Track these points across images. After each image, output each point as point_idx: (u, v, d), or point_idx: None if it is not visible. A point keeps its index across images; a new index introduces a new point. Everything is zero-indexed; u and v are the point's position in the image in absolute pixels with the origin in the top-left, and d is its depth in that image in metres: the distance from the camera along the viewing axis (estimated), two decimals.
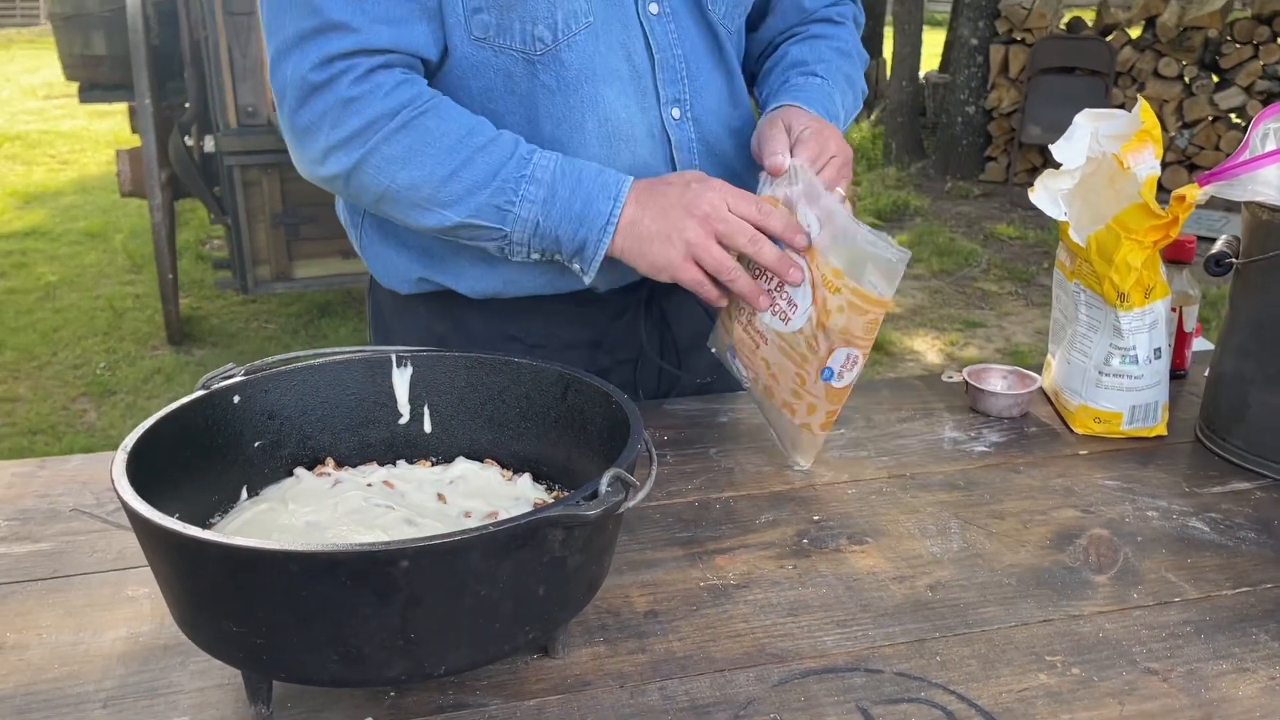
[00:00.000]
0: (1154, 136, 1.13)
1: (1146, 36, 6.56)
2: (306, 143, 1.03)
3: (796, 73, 1.23)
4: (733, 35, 1.19)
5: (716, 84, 1.17)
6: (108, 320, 4.56)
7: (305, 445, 0.90)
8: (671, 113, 1.13)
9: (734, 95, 1.20)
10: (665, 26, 1.12)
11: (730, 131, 1.19)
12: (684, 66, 1.13)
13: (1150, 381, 1.15)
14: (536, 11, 1.03)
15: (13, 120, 9.52)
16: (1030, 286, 5.21)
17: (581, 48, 1.06)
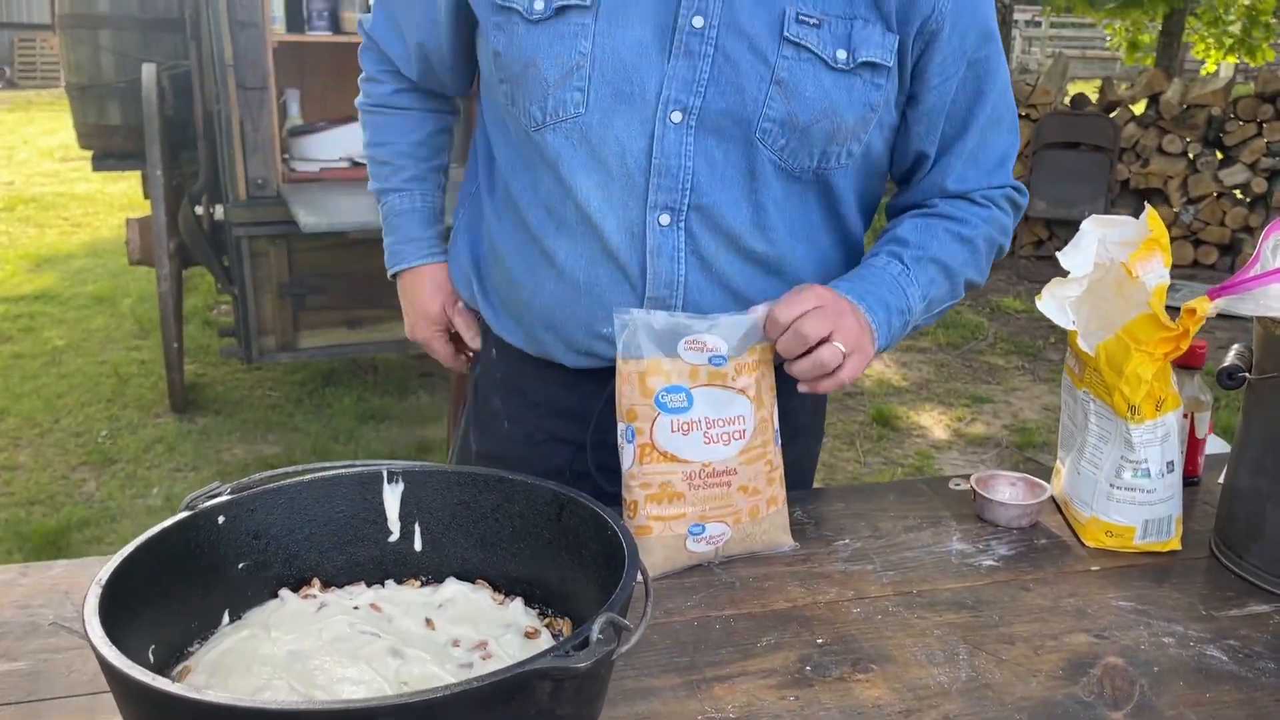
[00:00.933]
0: (1162, 245, 1.11)
1: (1150, 113, 6.62)
2: None
3: (887, 252, 1.17)
4: (794, 174, 1.12)
5: (738, 209, 1.12)
6: (112, 387, 4.56)
7: (291, 565, 0.87)
8: (659, 218, 1.11)
9: (763, 224, 1.13)
10: (681, 137, 1.09)
11: (745, 260, 1.14)
12: (689, 179, 1.10)
13: (1163, 495, 1.12)
14: (533, 93, 1.11)
15: (29, 182, 9.63)
16: (1037, 361, 5.19)
17: (568, 133, 1.11)
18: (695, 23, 1.07)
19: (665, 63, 1.08)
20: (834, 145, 1.11)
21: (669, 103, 1.08)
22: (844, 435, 4.22)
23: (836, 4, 1.08)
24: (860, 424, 4.36)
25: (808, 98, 1.08)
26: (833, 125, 1.10)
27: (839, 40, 1.08)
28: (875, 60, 1.09)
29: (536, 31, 1.10)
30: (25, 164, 10.60)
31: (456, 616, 0.85)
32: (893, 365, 5.11)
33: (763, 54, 1.07)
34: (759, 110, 1.08)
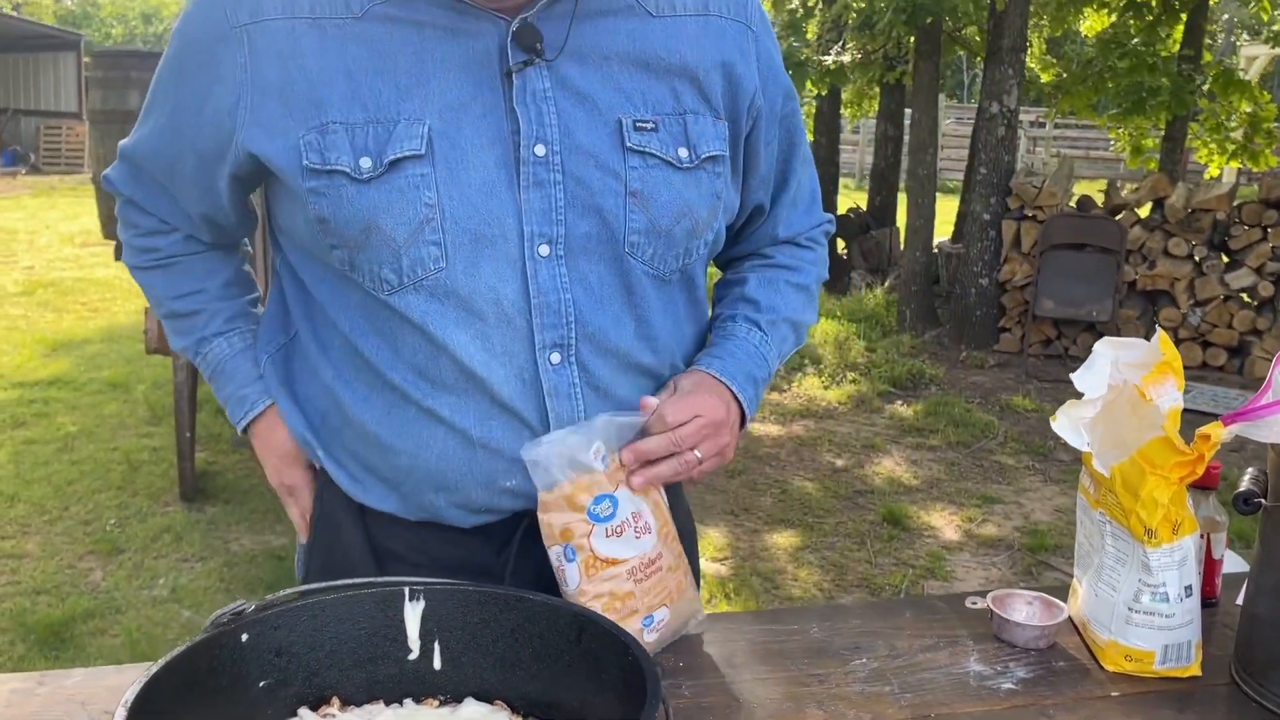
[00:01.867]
0: (1175, 369, 1.13)
1: (1155, 217, 6.72)
2: None
3: (744, 318, 1.23)
4: (665, 278, 1.13)
5: (621, 327, 1.11)
6: (122, 474, 4.57)
7: (311, 683, 0.87)
8: (550, 358, 1.07)
9: (647, 335, 1.13)
10: (554, 269, 1.06)
11: (634, 374, 1.14)
12: (572, 310, 1.07)
13: (1182, 620, 1.12)
14: (381, 255, 1.03)
15: (49, 267, 9.78)
16: (1048, 462, 5.17)
17: (431, 289, 1.04)
18: (538, 151, 1.04)
19: (517, 197, 1.04)
20: (693, 240, 1.14)
21: (533, 237, 1.05)
22: (854, 535, 4.20)
23: (665, 103, 1.11)
24: (870, 523, 4.33)
25: (664, 202, 1.10)
26: (691, 223, 1.13)
27: (677, 140, 1.11)
28: (715, 153, 1.13)
29: (370, 191, 1.02)
30: (46, 249, 10.79)
31: None
32: (903, 463, 5.10)
33: (611, 169, 1.07)
34: (622, 225, 1.08)
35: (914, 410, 5.92)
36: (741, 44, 1.15)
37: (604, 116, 1.07)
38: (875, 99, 9.75)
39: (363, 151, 1.01)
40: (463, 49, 1.04)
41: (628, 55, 1.10)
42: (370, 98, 1.02)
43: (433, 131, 1.02)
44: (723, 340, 1.21)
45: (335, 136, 1.02)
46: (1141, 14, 7.69)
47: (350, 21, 1.03)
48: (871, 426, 5.66)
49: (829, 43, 8.28)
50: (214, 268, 1.24)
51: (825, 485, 4.74)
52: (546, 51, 1.05)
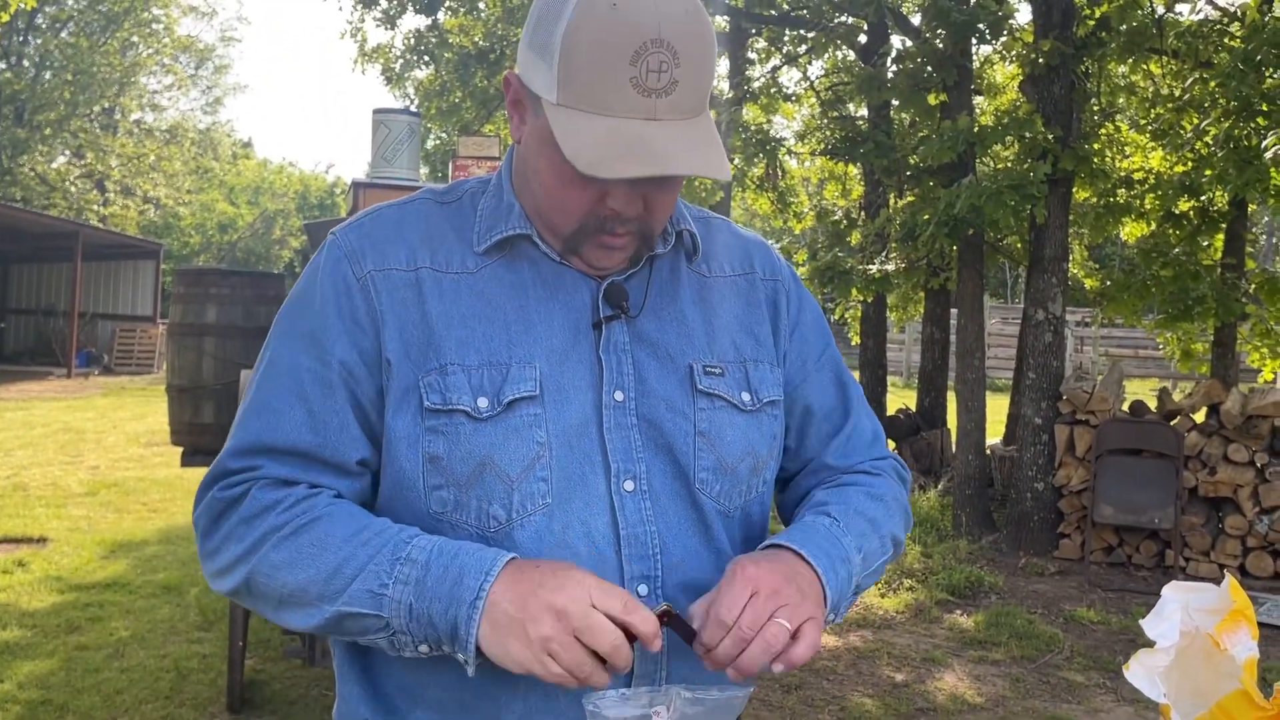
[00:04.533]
0: (1248, 616, 1.12)
1: (1211, 422, 6.65)
2: (214, 560, 1.10)
3: (811, 512, 1.21)
4: (729, 514, 1.18)
5: (699, 562, 1.15)
6: (171, 682, 4.53)
7: None
8: (637, 589, 1.11)
9: (723, 568, 1.13)
10: (639, 504, 1.12)
11: None
12: (657, 543, 1.12)
13: None
14: (493, 491, 1.07)
15: (113, 467, 10.04)
16: (1118, 679, 4.94)
17: (536, 527, 1.08)
18: (617, 397, 1.13)
19: (602, 437, 1.12)
20: (754, 478, 1.21)
21: (620, 474, 1.12)
22: None
23: (728, 351, 1.21)
24: None
25: (729, 441, 1.18)
26: (754, 461, 1.20)
27: (740, 384, 1.20)
28: (774, 398, 1.23)
29: (487, 429, 1.08)
30: (112, 449, 11.10)
31: None
32: (965, 679, 4.90)
33: (682, 411, 1.16)
34: (692, 463, 1.15)
35: (974, 621, 5.73)
36: (778, 299, 1.29)
37: (676, 363, 1.18)
38: (920, 303, 9.94)
39: (479, 392, 1.09)
40: (562, 303, 1.16)
41: (694, 313, 1.22)
42: (483, 343, 1.11)
43: (543, 375, 1.11)
44: (796, 525, 1.20)
45: (455, 378, 1.09)
46: (1180, 224, 7.87)
47: (465, 276, 1.15)
48: (931, 638, 5.47)
49: (873, 252, 8.54)
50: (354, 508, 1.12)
51: (886, 702, 4.56)
52: (631, 309, 1.16)
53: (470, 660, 1.00)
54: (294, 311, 1.16)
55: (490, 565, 1.01)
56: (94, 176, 27.44)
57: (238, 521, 1.07)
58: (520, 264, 1.16)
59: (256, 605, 1.09)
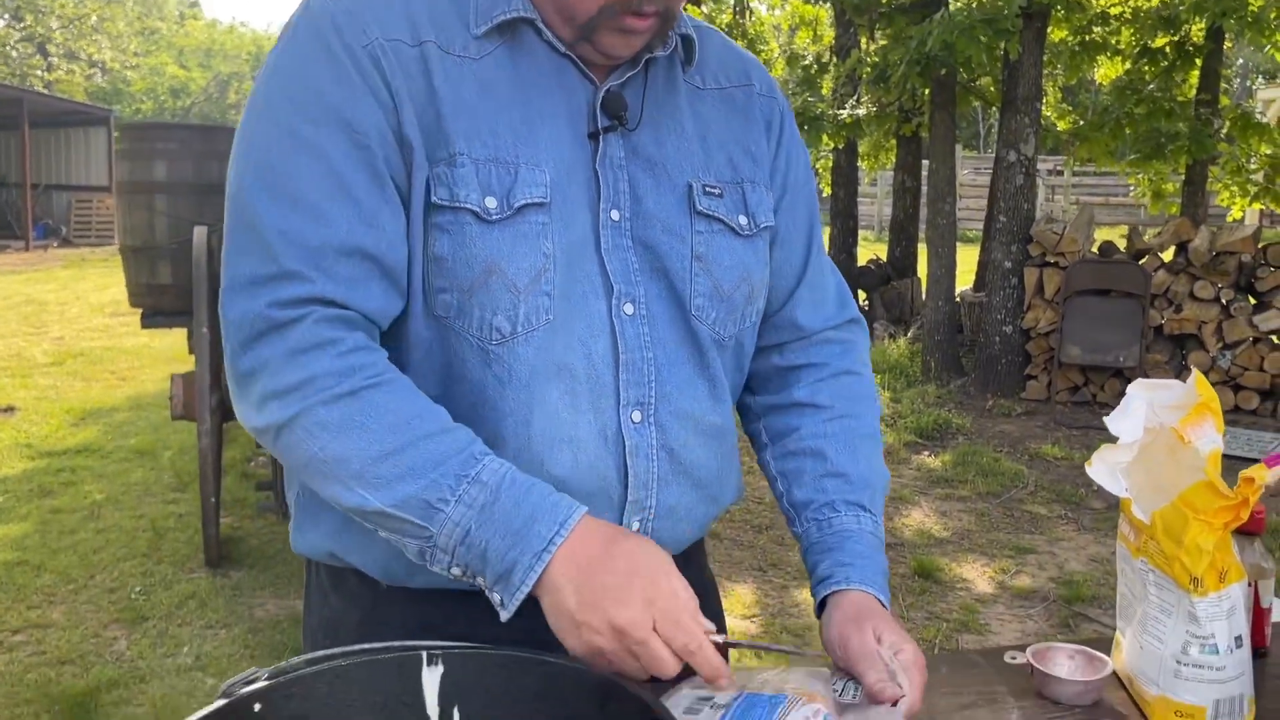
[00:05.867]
0: (1213, 409, 1.10)
1: (1179, 260, 6.67)
2: (247, 387, 0.97)
3: (844, 502, 1.17)
4: (724, 343, 1.14)
5: (695, 389, 1.12)
6: (148, 541, 4.56)
7: None
8: (631, 416, 1.07)
9: (716, 396, 1.14)
10: (638, 328, 1.07)
11: (703, 437, 1.13)
12: (653, 370, 1.08)
13: (1234, 673, 1.07)
14: (499, 301, 0.99)
15: (79, 337, 9.91)
16: (1080, 510, 5.08)
17: (539, 343, 1.01)
18: (613, 216, 1.07)
19: (600, 258, 1.06)
20: (749, 306, 1.16)
21: (620, 296, 1.06)
22: None
23: (725, 170, 1.15)
24: (901, 577, 4.25)
25: (726, 266, 1.12)
26: (749, 288, 1.15)
27: (738, 207, 1.14)
28: (769, 223, 1.18)
29: (495, 233, 0.99)
30: (76, 320, 10.94)
31: None
32: (932, 514, 5.02)
33: (678, 234, 1.10)
34: (688, 289, 1.10)
35: (942, 460, 5.84)
36: (773, 119, 1.21)
37: (674, 181, 1.11)
38: (892, 151, 9.80)
39: (488, 190, 0.99)
40: (564, 105, 1.06)
41: (691, 127, 1.14)
42: (490, 138, 1.01)
43: (552, 182, 1.03)
44: (843, 540, 1.15)
45: (463, 170, 0.99)
46: (1156, 61, 7.71)
47: (466, 61, 1.03)
48: (899, 478, 5.58)
49: (844, 97, 8.35)
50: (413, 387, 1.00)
51: None
52: (629, 121, 1.08)
53: (508, 605, 0.92)
54: (291, 87, 0.99)
55: (566, 516, 0.93)
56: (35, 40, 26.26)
57: (285, 353, 0.94)
58: (520, 55, 1.05)
59: (281, 453, 0.98)
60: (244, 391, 0.98)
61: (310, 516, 1.12)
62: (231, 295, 0.97)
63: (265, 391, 0.95)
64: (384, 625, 1.09)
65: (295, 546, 1.15)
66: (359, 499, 0.93)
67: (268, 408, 0.95)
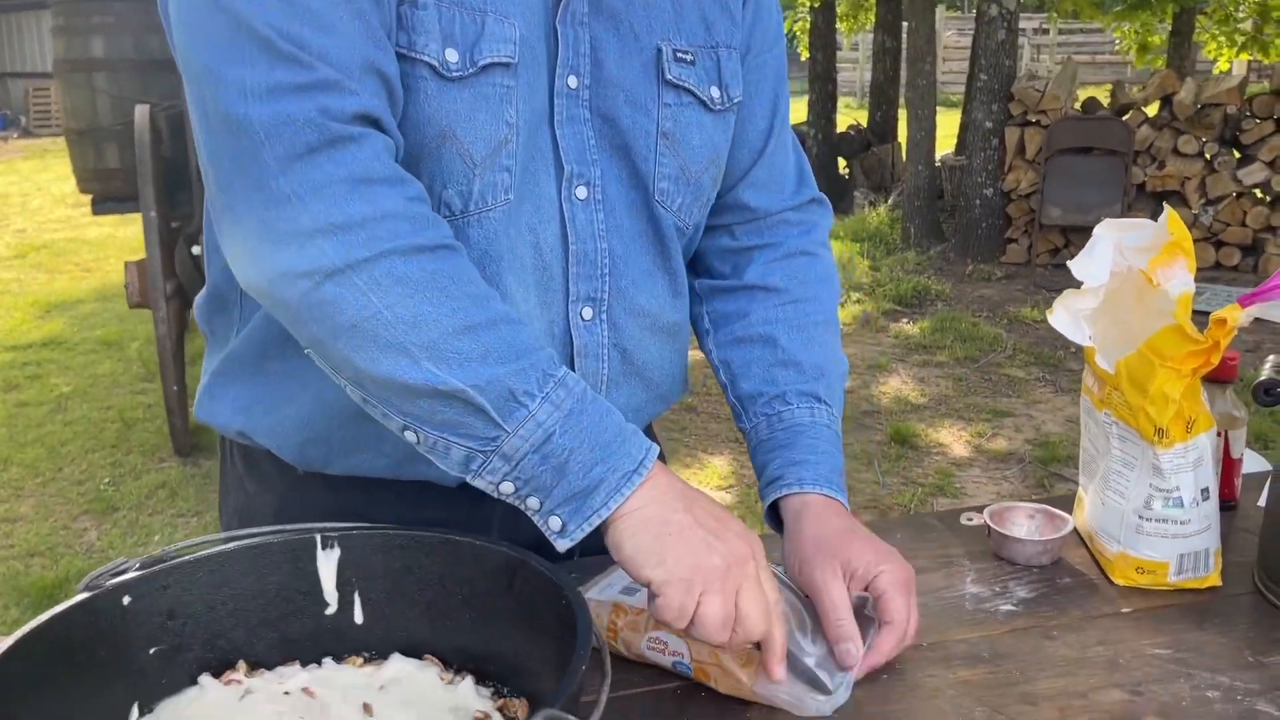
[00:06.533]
0: (1185, 249, 1.01)
1: (1164, 115, 6.50)
2: (284, 213, 0.75)
3: (797, 392, 1.05)
4: (686, 231, 1.03)
5: (653, 284, 1.01)
6: (116, 432, 4.50)
7: (213, 647, 0.77)
8: (581, 312, 0.97)
9: (677, 292, 1.04)
10: (591, 215, 0.95)
11: (659, 335, 1.04)
12: (607, 262, 0.96)
13: (1199, 526, 1.01)
14: (451, 173, 0.86)
15: (41, 229, 9.67)
16: (1058, 372, 5.06)
17: (491, 228, 0.89)
18: (570, 83, 0.92)
19: (553, 131, 0.92)
20: (714, 190, 1.05)
21: (573, 178, 0.93)
22: (861, 456, 4.10)
23: (698, 32, 1.00)
24: (877, 443, 4.24)
25: (695, 146, 0.99)
26: (717, 170, 1.04)
27: (711, 77, 1.00)
28: (740, 97, 1.04)
29: (453, 93, 0.85)
30: (39, 211, 10.66)
31: (398, 700, 0.75)
32: (910, 381, 4.99)
33: (644, 106, 0.96)
34: (652, 170, 0.97)
35: (920, 327, 5.79)
36: None
37: (641, 43, 0.96)
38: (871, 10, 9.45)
39: (449, 41, 0.84)
40: None
41: None
42: None
43: (522, 39, 0.88)
44: (795, 436, 1.03)
45: (425, 13, 0.83)
46: None
47: None
48: (877, 346, 5.54)
49: None
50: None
51: None
52: None
53: (570, 532, 0.78)
54: None
55: (649, 446, 0.81)
56: None
57: (349, 179, 0.76)
58: None
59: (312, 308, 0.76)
60: (277, 220, 0.76)
61: (222, 384, 1.02)
62: (251, 101, 0.75)
63: (319, 223, 0.75)
64: (303, 513, 1.00)
65: (198, 413, 1.04)
66: (426, 375, 0.75)
67: (318, 245, 0.74)
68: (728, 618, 0.77)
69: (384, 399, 0.79)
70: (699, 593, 0.76)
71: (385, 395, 0.78)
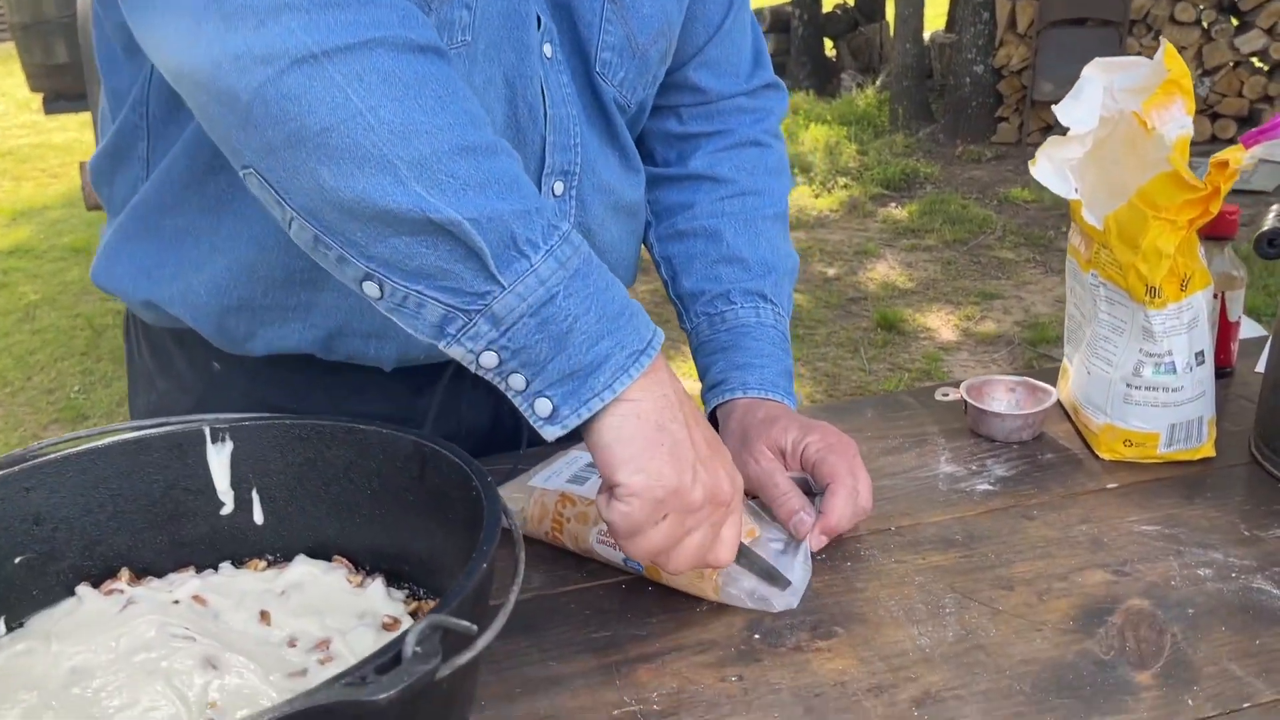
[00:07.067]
0: (1183, 88, 0.90)
1: None
2: None
3: (742, 291, 0.97)
4: (627, 109, 0.93)
5: (607, 159, 0.92)
6: (86, 339, 4.40)
7: (92, 554, 0.69)
8: (553, 187, 0.87)
9: (630, 167, 0.96)
10: (559, 77, 0.85)
11: (620, 215, 0.95)
12: (578, 131, 0.87)
13: (1192, 393, 0.93)
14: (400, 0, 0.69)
15: (5, 135, 9.39)
16: (1048, 252, 4.95)
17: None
18: None
19: None
20: (660, 67, 0.94)
21: (545, 31, 0.82)
22: (847, 343, 4.03)
23: None
24: (864, 330, 4.16)
25: (645, 15, 0.88)
26: (666, 44, 0.93)
27: None
28: None
29: None
30: (3, 117, 10.34)
31: (301, 606, 0.67)
32: (897, 267, 4.88)
33: None
34: (595, 38, 0.86)
35: (908, 211, 5.65)
36: None
37: None
38: None
39: None
40: None
41: None
42: None
43: None
44: (739, 338, 0.96)
45: None
46: None
47: None
48: (864, 232, 5.41)
49: None
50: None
51: (817, 296, 4.54)
52: None
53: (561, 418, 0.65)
54: None
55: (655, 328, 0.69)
56: None
57: None
58: None
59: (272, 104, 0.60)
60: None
61: (123, 243, 0.89)
62: None
63: None
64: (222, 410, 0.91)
65: (96, 278, 0.92)
66: (414, 200, 0.60)
67: (283, 21, 0.59)
68: (700, 555, 0.69)
69: (347, 234, 0.62)
70: (662, 518, 0.66)
71: (351, 229, 0.62)
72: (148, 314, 0.94)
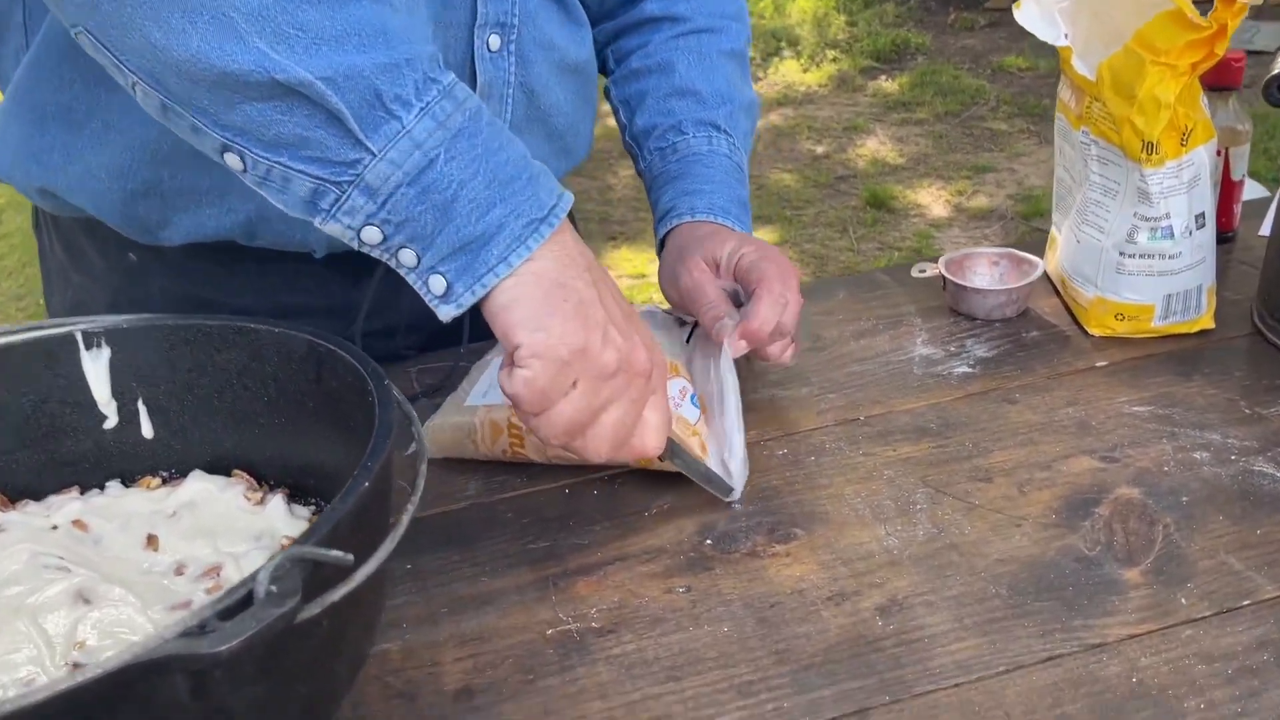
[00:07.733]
0: None
1: None
2: None
3: (694, 121, 0.90)
4: None
5: (549, 11, 0.83)
6: None
7: None
8: (488, 40, 0.78)
9: (575, 25, 0.87)
10: None
11: (564, 75, 0.86)
12: None
13: (1191, 260, 0.85)
14: None
15: None
16: (1043, 122, 4.80)
17: None
18: None
19: None
20: None
21: None
22: (835, 223, 3.92)
23: None
24: (853, 209, 4.04)
25: None
26: None
27: None
28: None
29: None
30: None
31: (192, 528, 0.60)
32: (888, 142, 4.73)
33: None
34: None
35: (899, 84, 5.46)
36: None
37: None
38: None
39: None
40: None
41: None
42: None
43: None
44: (689, 166, 0.89)
45: None
46: None
47: None
48: (854, 106, 5.23)
49: None
50: None
51: (804, 175, 4.41)
52: None
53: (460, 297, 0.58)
54: None
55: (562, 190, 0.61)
56: None
57: None
58: None
59: None
60: None
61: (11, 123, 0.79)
62: None
63: None
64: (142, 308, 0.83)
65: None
66: (256, 58, 0.52)
67: None
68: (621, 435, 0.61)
69: (192, 100, 0.54)
70: (570, 384, 0.59)
71: (195, 94, 0.54)
72: (47, 203, 0.85)
